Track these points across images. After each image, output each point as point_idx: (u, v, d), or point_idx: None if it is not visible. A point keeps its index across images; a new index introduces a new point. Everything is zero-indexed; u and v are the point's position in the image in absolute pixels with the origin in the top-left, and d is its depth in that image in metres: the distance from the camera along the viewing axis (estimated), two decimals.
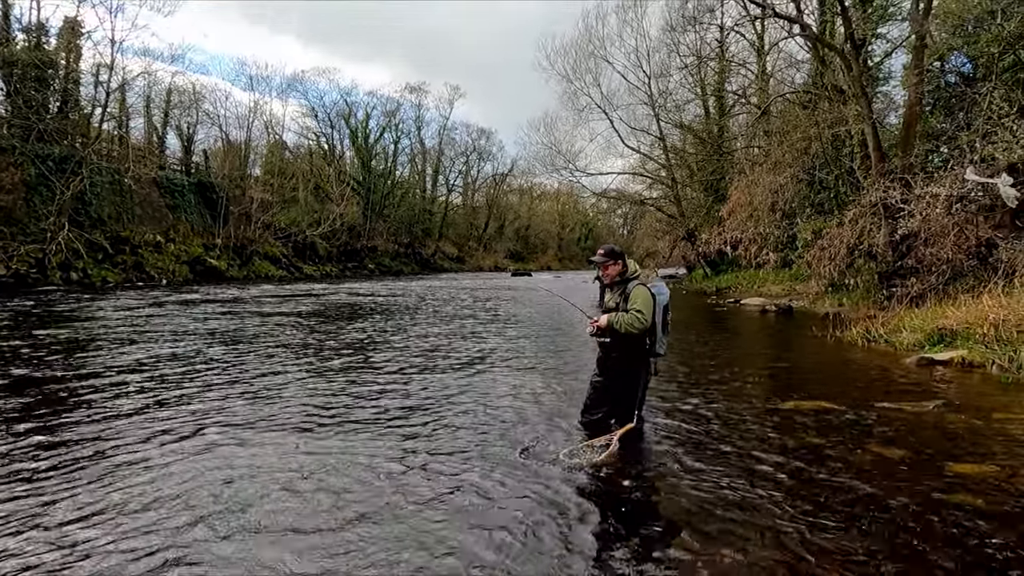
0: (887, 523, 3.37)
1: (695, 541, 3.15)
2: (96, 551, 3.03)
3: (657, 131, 32.81)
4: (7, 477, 3.97)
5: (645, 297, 4.57)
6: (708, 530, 3.27)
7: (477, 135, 75.50)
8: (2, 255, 23.20)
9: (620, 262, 4.76)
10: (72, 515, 3.42)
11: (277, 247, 42.54)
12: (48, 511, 3.48)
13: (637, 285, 4.66)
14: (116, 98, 33.28)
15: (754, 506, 3.57)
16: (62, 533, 3.22)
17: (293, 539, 3.15)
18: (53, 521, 3.35)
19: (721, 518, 3.41)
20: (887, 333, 10.26)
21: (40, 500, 3.63)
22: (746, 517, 3.43)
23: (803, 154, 19.07)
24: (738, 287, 25.83)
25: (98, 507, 3.53)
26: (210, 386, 6.76)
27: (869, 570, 2.87)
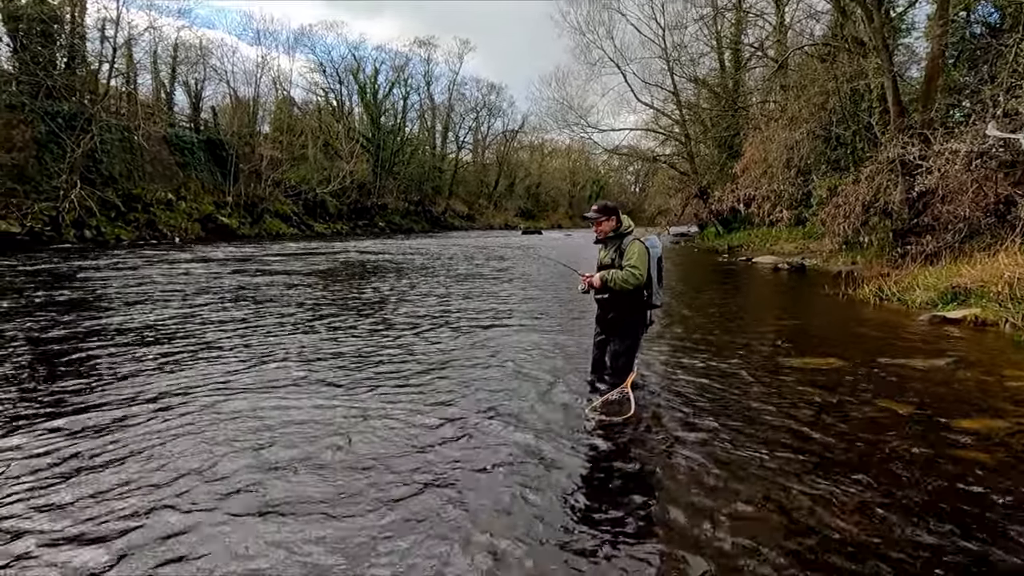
0: (892, 476, 3.42)
1: (701, 495, 3.22)
2: (129, 513, 3.15)
3: (671, 85, 32.17)
4: (29, 433, 4.11)
5: (641, 252, 4.61)
6: (712, 484, 3.34)
7: (487, 90, 74.32)
8: (17, 213, 23.37)
9: (614, 218, 4.80)
10: (106, 461, 3.54)
11: (287, 205, 42.51)
12: (68, 474, 3.60)
13: (633, 240, 4.69)
14: (123, 54, 32.94)
15: (760, 460, 3.64)
16: (83, 497, 3.34)
17: (334, 503, 3.26)
18: (73, 489, 3.47)
19: (726, 472, 3.48)
20: (900, 291, 10.22)
21: (59, 465, 3.74)
22: (751, 471, 3.50)
23: (820, 109, 18.65)
24: (750, 245, 25.65)
25: (122, 467, 3.65)
26: (228, 345, 6.87)
27: (874, 521, 2.94)
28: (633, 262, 4.58)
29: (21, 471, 3.42)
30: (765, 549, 2.68)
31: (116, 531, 2.80)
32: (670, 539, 2.78)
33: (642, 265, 4.58)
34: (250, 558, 2.59)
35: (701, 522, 2.91)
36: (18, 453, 3.67)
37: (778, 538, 2.77)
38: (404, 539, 2.75)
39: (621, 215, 4.84)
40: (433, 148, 69.34)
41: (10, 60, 26.89)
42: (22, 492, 3.18)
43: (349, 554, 2.63)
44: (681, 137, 33.64)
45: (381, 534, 2.79)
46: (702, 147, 33.85)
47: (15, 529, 2.82)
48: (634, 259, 4.59)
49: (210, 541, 2.72)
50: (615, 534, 2.84)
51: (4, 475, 3.37)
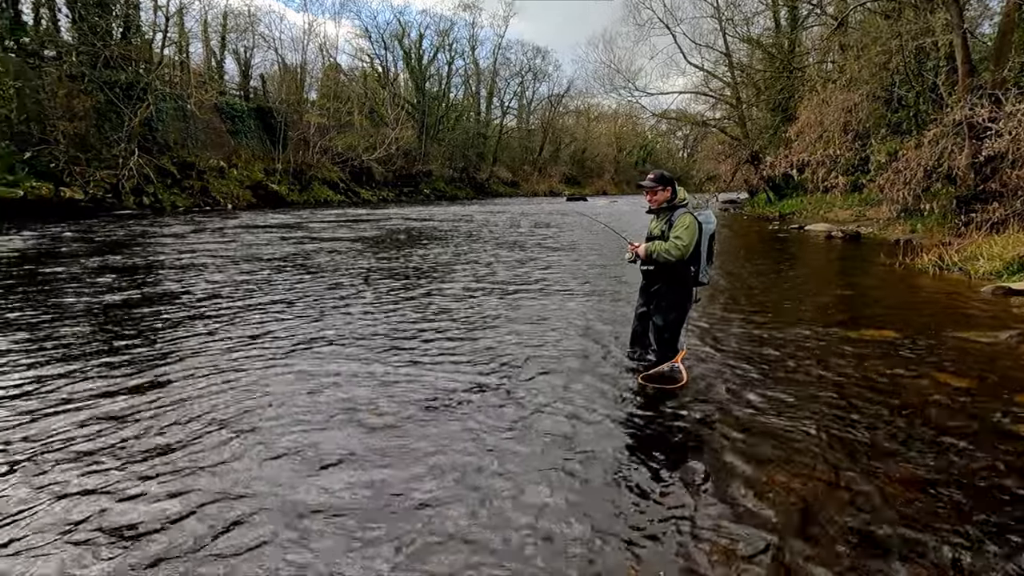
0: (947, 452, 3.35)
1: (751, 469, 3.22)
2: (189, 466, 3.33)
3: (723, 46, 31.03)
4: (98, 391, 4.35)
5: (690, 225, 4.49)
6: (764, 457, 3.33)
7: (533, 54, 73.22)
8: (80, 180, 24.33)
9: (669, 188, 4.66)
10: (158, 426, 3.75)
11: (335, 172, 43.07)
12: (129, 433, 3.81)
13: (684, 212, 4.56)
14: (175, 23, 33.53)
15: (811, 434, 3.60)
16: (144, 449, 3.54)
17: (395, 459, 3.38)
18: (132, 444, 3.68)
19: (777, 446, 3.47)
20: (962, 261, 9.81)
21: (121, 423, 3.96)
22: (803, 445, 3.47)
23: (882, 69, 17.76)
24: (803, 212, 24.88)
25: (179, 427, 3.84)
26: (277, 309, 7.10)
27: (927, 498, 2.89)
28: (679, 233, 4.47)
29: (96, 424, 3.66)
30: (815, 527, 2.68)
31: (183, 481, 2.98)
32: (721, 512, 2.80)
33: (688, 238, 4.46)
34: (298, 500, 2.73)
35: (752, 497, 2.92)
36: (92, 409, 3.92)
37: (830, 514, 2.75)
38: (448, 500, 2.85)
39: (677, 187, 4.72)
40: (478, 114, 68.93)
41: (69, 31, 27.70)
42: (103, 446, 3.40)
43: (389, 504, 2.74)
44: (732, 100, 32.54)
45: (428, 493, 2.89)
46: (754, 111, 32.69)
47: (102, 471, 3.03)
48: (680, 231, 4.48)
49: (263, 482, 2.87)
50: (665, 504, 2.88)
51: (83, 431, 3.60)
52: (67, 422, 3.69)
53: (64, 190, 23.25)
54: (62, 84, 24.94)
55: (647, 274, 4.83)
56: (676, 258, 4.48)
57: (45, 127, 23.81)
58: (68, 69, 25.80)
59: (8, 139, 22.41)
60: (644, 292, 4.96)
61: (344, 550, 2.45)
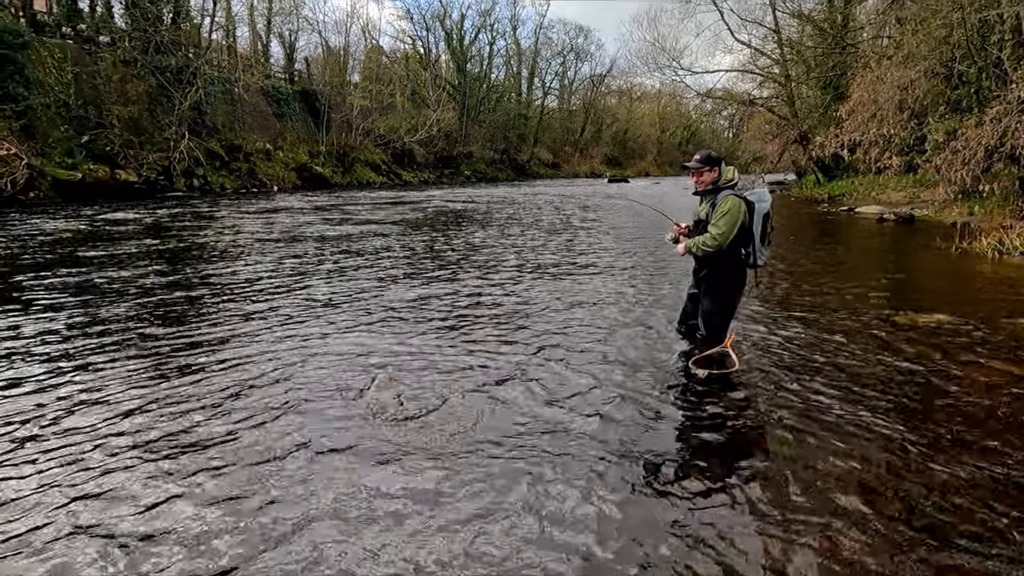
0: (1006, 444, 3.25)
1: (801, 460, 3.18)
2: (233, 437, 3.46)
3: (772, 22, 30.08)
4: (154, 363, 4.54)
5: (732, 210, 4.24)
6: (814, 446, 3.28)
7: (575, 33, 72.33)
8: (134, 163, 25.13)
9: (716, 169, 4.44)
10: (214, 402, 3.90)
11: (377, 154, 43.47)
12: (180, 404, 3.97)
13: (728, 195, 4.32)
14: (222, 7, 34.15)
15: (864, 424, 3.53)
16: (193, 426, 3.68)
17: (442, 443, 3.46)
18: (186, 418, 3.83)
19: (828, 435, 3.40)
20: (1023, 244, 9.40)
21: (173, 399, 4.12)
22: (854, 434, 3.40)
23: (942, 44, 16.96)
24: (853, 194, 24.11)
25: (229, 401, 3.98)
26: (318, 292, 7.26)
27: (983, 493, 2.82)
28: (716, 221, 4.25)
29: (155, 397, 3.83)
30: (872, 524, 2.64)
31: (208, 475, 3.11)
32: (770, 503, 2.78)
33: (725, 226, 4.23)
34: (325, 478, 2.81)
35: (803, 493, 2.87)
36: (151, 387, 4.10)
37: (881, 509, 2.69)
38: (492, 482, 2.90)
39: (724, 167, 4.50)
40: (519, 95, 68.53)
41: (123, 17, 28.49)
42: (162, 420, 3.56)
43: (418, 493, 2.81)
44: (781, 78, 31.57)
45: (469, 479, 2.95)
46: (804, 89, 31.66)
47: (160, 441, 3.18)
48: (719, 218, 4.25)
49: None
50: (715, 494, 2.87)
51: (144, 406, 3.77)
52: (94, 416, 3.87)
53: (119, 172, 24.05)
54: (116, 69, 25.71)
55: (698, 258, 4.72)
56: (714, 249, 4.29)
57: (101, 111, 24.62)
58: (121, 55, 26.56)
59: (67, 123, 23.24)
60: (695, 273, 4.85)
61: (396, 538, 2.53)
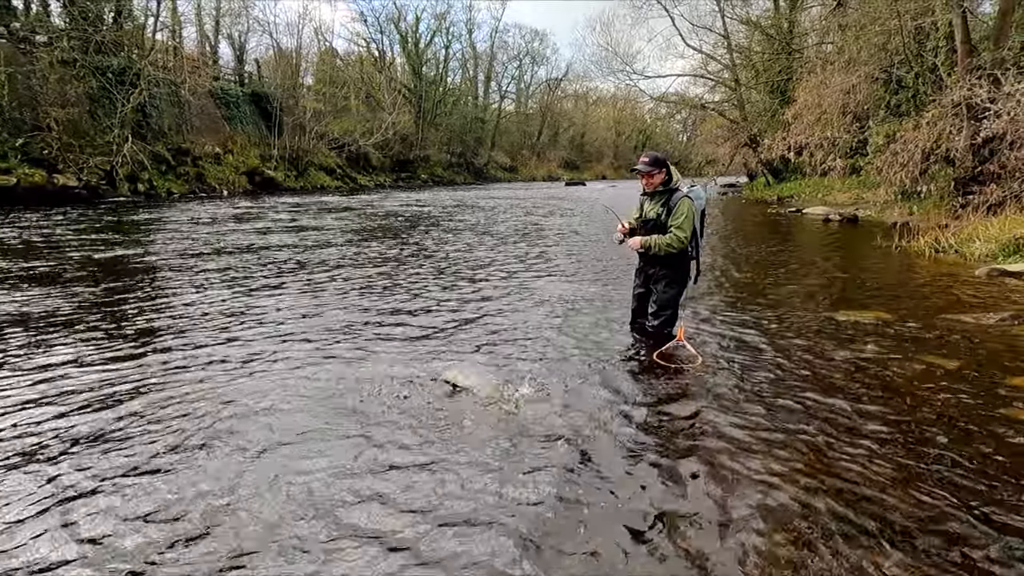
0: (934, 434, 3.30)
1: (740, 453, 3.17)
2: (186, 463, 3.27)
3: (721, 28, 30.73)
4: (103, 384, 4.29)
5: (689, 211, 4.47)
6: (752, 439, 3.27)
7: (530, 37, 73.04)
8: (74, 167, 24.13)
9: (664, 170, 4.58)
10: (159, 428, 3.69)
11: (331, 157, 42.76)
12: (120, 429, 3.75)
13: (682, 197, 4.51)
14: (167, 7, 33.16)
15: (801, 416, 3.55)
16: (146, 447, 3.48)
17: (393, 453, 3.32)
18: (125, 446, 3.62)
19: (767, 427, 3.41)
20: (958, 243, 9.74)
21: (118, 420, 3.90)
22: (792, 427, 3.41)
23: (881, 50, 17.56)
24: (801, 195, 24.78)
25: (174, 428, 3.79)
26: (273, 299, 7.03)
27: (913, 484, 2.84)
28: (680, 223, 4.44)
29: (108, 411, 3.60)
30: (802, 520, 2.63)
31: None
32: (710, 494, 2.75)
33: (689, 227, 4.47)
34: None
35: (736, 487, 2.87)
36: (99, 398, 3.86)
37: (816, 505, 2.68)
38: (452, 485, 2.80)
39: (670, 166, 4.65)
40: (475, 98, 68.48)
41: (60, 16, 27.37)
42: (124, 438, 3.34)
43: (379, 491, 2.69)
44: (731, 83, 32.28)
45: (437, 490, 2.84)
46: (753, 93, 32.42)
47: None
48: (681, 219, 4.45)
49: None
50: (668, 482, 2.83)
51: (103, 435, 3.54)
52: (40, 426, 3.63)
53: (57, 177, 23.05)
54: (54, 70, 24.65)
55: (643, 255, 4.79)
56: (678, 249, 4.51)
57: (38, 113, 23.57)
58: (60, 55, 25.44)
59: (0, 126, 22.20)
60: (641, 272, 4.93)
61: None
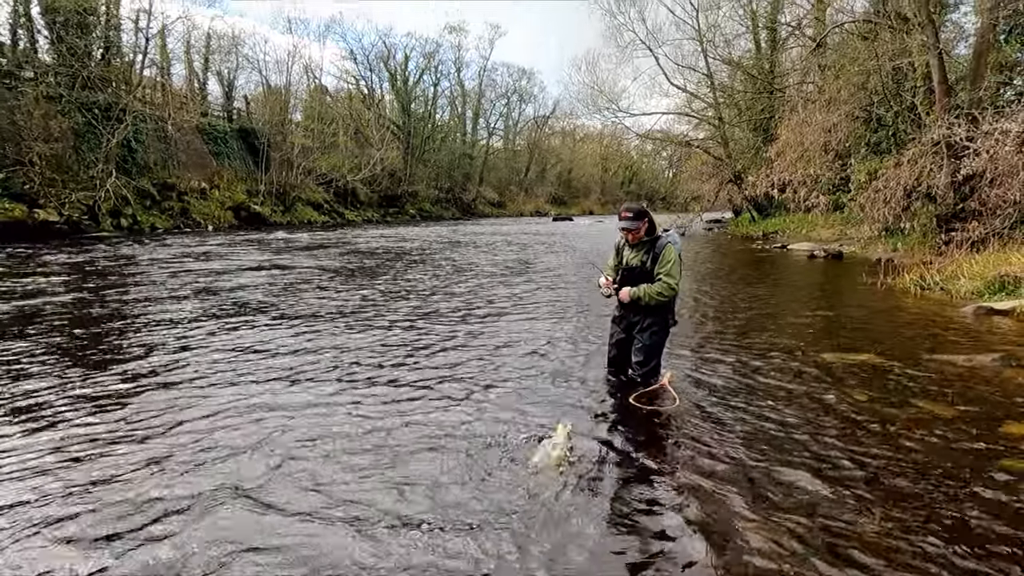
0: (931, 488, 3.12)
1: (728, 500, 2.98)
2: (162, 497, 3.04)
3: (705, 68, 31.27)
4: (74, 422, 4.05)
5: (675, 259, 4.39)
6: (741, 487, 3.09)
7: (518, 76, 73.83)
8: (55, 202, 23.88)
9: (647, 220, 4.49)
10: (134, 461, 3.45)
11: (319, 193, 42.79)
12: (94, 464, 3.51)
13: (667, 244, 4.43)
14: (156, 44, 33.38)
15: (784, 467, 3.36)
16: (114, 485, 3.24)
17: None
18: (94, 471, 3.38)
19: (756, 475, 3.23)
20: (943, 280, 9.70)
21: (97, 454, 3.66)
22: (774, 478, 3.23)
23: (860, 89, 17.88)
24: (786, 231, 24.97)
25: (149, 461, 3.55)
26: (258, 338, 6.81)
27: (909, 544, 2.65)
28: (668, 269, 4.36)
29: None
30: (788, 564, 2.43)
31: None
32: (694, 543, 2.55)
33: (677, 275, 4.40)
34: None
35: (729, 531, 2.67)
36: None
37: (804, 552, 2.51)
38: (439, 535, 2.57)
39: (650, 214, 4.56)
40: (463, 135, 69.13)
41: (48, 52, 27.42)
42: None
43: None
44: (715, 121, 32.75)
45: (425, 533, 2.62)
46: (736, 131, 32.93)
47: None
48: (669, 266, 4.36)
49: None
50: (649, 532, 2.62)
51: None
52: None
53: (38, 212, 22.79)
54: (39, 105, 24.56)
55: (625, 304, 4.63)
56: (668, 297, 4.41)
57: (20, 148, 23.39)
58: (45, 90, 25.45)
59: None
60: (622, 320, 4.76)
61: None
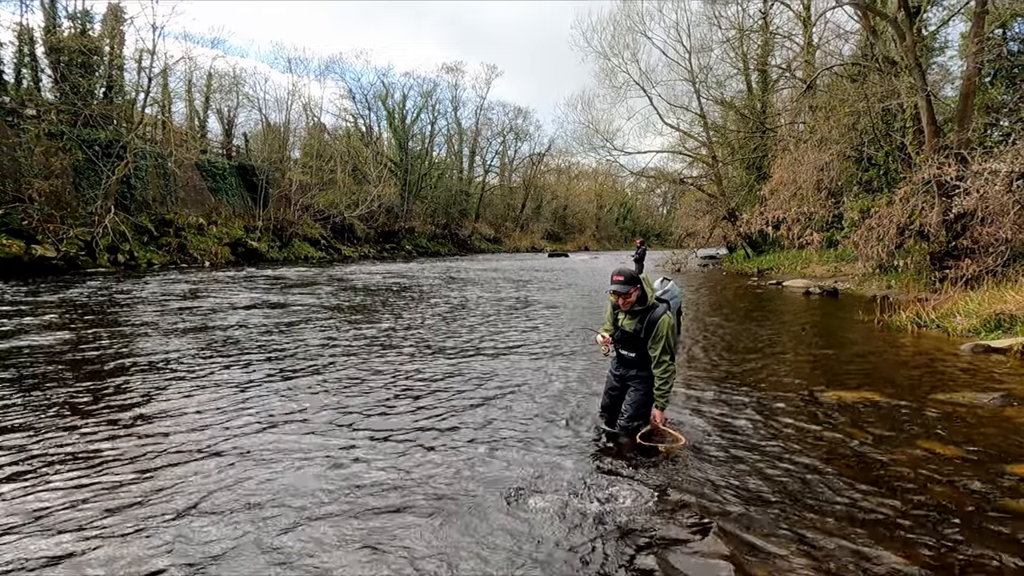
0: (935, 531, 3.11)
1: (722, 546, 2.95)
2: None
3: (697, 108, 31.91)
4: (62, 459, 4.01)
5: (668, 331, 4.32)
6: (736, 534, 3.06)
7: (514, 115, 74.99)
8: (53, 238, 23.92)
9: (638, 287, 4.42)
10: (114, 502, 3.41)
11: (316, 229, 42.99)
12: (79, 503, 3.47)
13: (662, 313, 4.35)
14: (158, 83, 33.87)
15: (787, 508, 3.35)
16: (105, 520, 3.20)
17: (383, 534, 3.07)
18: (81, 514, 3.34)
19: (750, 520, 3.20)
20: (939, 318, 9.76)
21: (73, 493, 3.63)
22: (778, 520, 3.21)
23: (851, 130, 18.25)
24: (780, 268, 25.11)
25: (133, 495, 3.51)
26: (251, 376, 6.78)
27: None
28: (662, 347, 4.28)
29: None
30: None
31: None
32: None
33: (673, 342, 4.39)
34: None
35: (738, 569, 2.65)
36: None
37: None
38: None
39: (643, 281, 4.47)
40: (460, 172, 69.88)
41: (52, 90, 27.82)
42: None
43: None
44: (708, 159, 33.26)
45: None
46: (730, 169, 33.42)
47: None
48: (663, 344, 4.29)
49: None
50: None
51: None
52: None
53: (35, 248, 22.79)
54: (40, 142, 24.83)
55: (623, 359, 4.59)
56: (672, 372, 4.37)
57: (20, 184, 23.54)
58: (47, 127, 25.74)
59: None
60: (617, 370, 4.70)
61: None
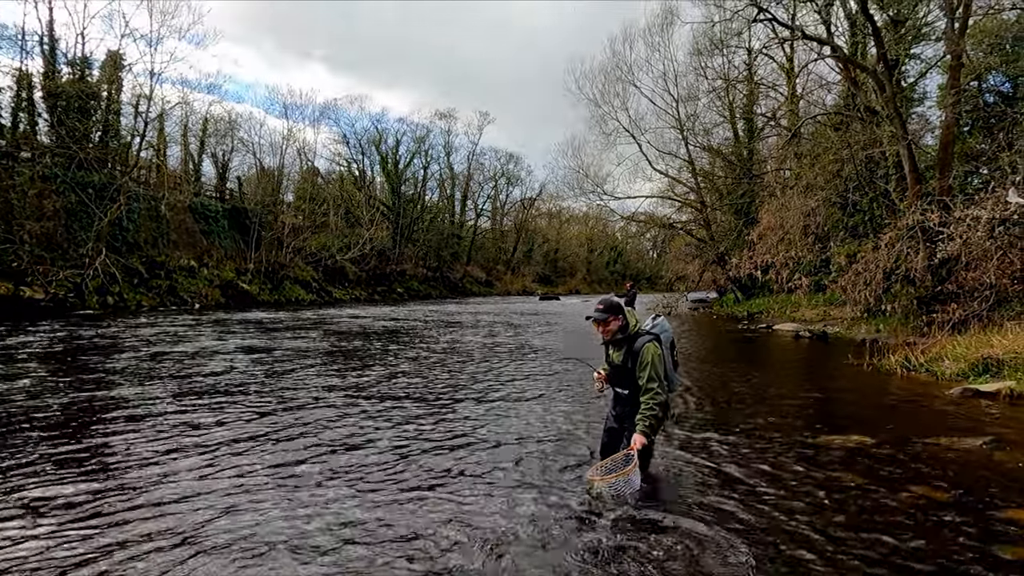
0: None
1: None
2: None
3: (686, 154, 32.54)
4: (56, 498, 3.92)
5: (655, 356, 4.24)
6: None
7: (506, 160, 76.20)
8: (42, 280, 23.82)
9: (620, 316, 4.42)
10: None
11: (308, 271, 43.06)
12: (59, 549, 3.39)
13: (646, 342, 4.29)
14: (154, 127, 34.28)
15: (778, 557, 3.31)
16: None
17: None
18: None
19: (747, 564, 3.17)
20: (928, 361, 9.82)
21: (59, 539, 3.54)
22: (776, 563, 3.17)
23: (835, 177, 18.64)
24: (770, 312, 25.26)
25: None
26: (238, 421, 6.71)
27: None
28: (649, 374, 4.18)
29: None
30: None
31: None
32: None
33: (660, 371, 4.24)
34: None
35: None
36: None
37: None
38: None
39: (626, 312, 4.47)
40: (452, 215, 70.53)
41: (48, 134, 28.08)
42: None
43: None
44: (697, 204, 33.78)
45: None
46: (718, 214, 33.91)
47: None
48: (648, 370, 4.18)
49: None
50: None
51: None
52: None
53: (24, 289, 22.69)
54: (33, 185, 24.98)
55: (619, 396, 4.57)
56: (664, 397, 4.23)
57: (12, 226, 23.57)
58: (41, 170, 25.91)
59: None
60: (615, 409, 4.67)
61: None
